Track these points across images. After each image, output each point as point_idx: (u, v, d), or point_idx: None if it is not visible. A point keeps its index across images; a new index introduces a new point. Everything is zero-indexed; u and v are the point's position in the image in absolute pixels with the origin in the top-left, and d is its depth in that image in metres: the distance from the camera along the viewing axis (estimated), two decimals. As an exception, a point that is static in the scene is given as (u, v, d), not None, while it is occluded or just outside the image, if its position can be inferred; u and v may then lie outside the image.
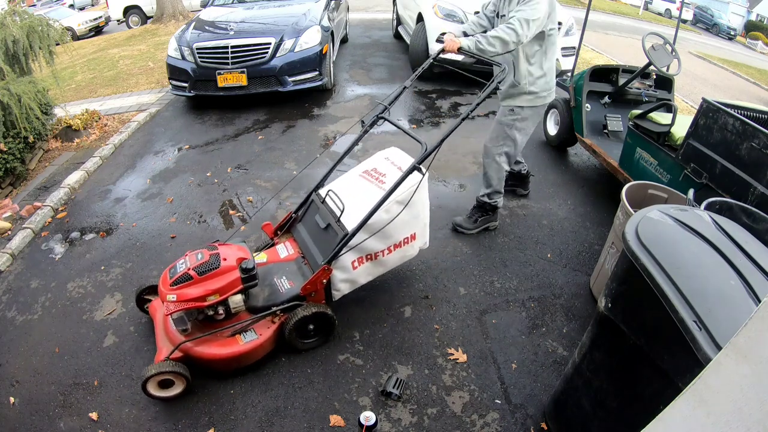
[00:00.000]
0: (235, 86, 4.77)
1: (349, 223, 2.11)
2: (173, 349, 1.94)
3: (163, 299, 1.91)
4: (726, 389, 0.71)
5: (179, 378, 1.93)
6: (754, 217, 1.63)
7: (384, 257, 2.26)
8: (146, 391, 1.90)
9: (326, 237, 2.21)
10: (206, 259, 1.94)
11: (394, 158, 2.41)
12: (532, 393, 2.05)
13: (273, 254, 2.36)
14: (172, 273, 1.94)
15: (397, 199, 2.08)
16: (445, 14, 5.31)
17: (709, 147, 2.47)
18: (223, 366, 2.03)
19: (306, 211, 2.48)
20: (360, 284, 2.31)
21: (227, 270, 1.93)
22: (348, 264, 2.16)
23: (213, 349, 1.96)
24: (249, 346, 1.99)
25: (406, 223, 2.20)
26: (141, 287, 2.30)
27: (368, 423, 1.81)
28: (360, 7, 11.30)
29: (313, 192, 2.46)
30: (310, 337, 2.18)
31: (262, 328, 2.06)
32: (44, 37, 4.41)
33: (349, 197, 2.21)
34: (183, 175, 3.81)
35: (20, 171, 3.92)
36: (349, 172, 2.52)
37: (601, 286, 2.44)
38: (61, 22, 5.08)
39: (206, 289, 1.89)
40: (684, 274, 1.22)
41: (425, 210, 2.34)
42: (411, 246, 2.34)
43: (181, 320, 1.97)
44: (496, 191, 2.91)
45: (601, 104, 3.82)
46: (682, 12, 9.51)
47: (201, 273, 1.90)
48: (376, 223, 2.08)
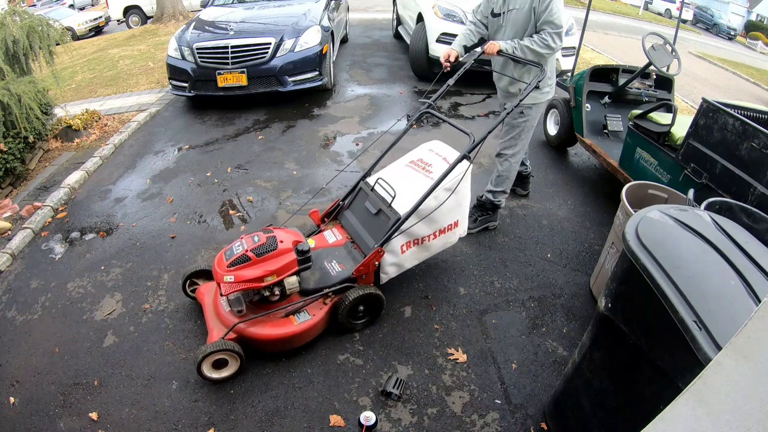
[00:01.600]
0: (235, 86, 4.77)
1: (400, 209, 2.22)
2: (229, 329, 2.00)
3: (220, 280, 1.96)
4: (726, 389, 0.71)
5: (234, 357, 1.98)
6: (754, 217, 1.63)
7: (429, 242, 2.36)
8: (201, 372, 1.95)
9: (377, 222, 2.31)
10: (263, 242, 2.00)
11: (438, 150, 2.52)
12: (532, 393, 2.05)
13: (321, 240, 2.44)
14: (228, 255, 2.00)
15: (445, 186, 2.19)
16: (445, 14, 5.31)
17: (709, 147, 2.47)
18: (277, 346, 2.09)
19: (354, 198, 2.56)
20: (406, 268, 2.41)
21: (284, 252, 2.01)
22: (397, 248, 2.25)
23: (267, 329, 2.02)
24: (303, 326, 2.06)
25: (451, 210, 2.30)
26: (188, 271, 2.37)
27: (368, 423, 1.82)
28: (360, 7, 11.30)
29: (360, 180, 2.56)
30: (359, 318, 2.27)
31: (314, 309, 2.14)
32: (44, 37, 4.41)
33: (397, 185, 2.30)
34: (183, 175, 3.81)
35: (20, 171, 3.92)
36: (394, 163, 2.61)
37: (601, 286, 2.44)
38: (61, 22, 5.07)
39: (264, 269, 1.96)
40: (684, 274, 1.22)
41: (467, 199, 2.45)
42: (453, 233, 2.44)
43: (238, 301, 2.02)
44: (502, 191, 2.94)
45: (601, 104, 3.82)
46: (682, 12, 9.51)
47: (259, 254, 1.97)
48: (425, 209, 2.18)
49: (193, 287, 2.41)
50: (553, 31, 2.39)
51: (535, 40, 2.43)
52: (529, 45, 2.44)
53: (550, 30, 2.40)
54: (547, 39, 2.40)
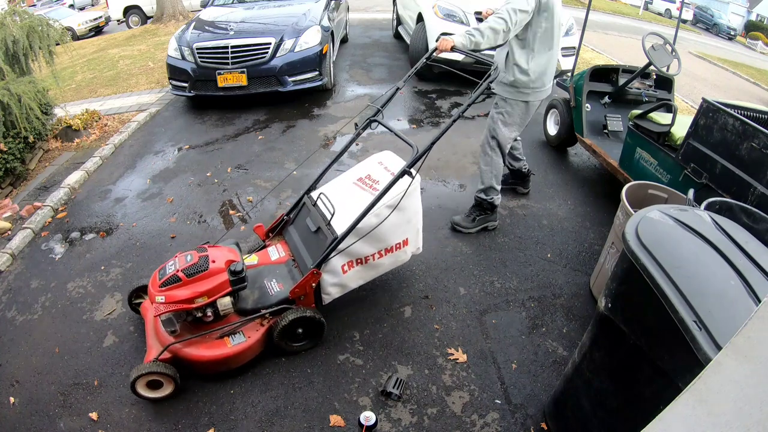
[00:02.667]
0: (235, 86, 4.77)
1: (339, 227, 2.09)
2: (162, 351, 1.94)
3: (153, 300, 1.90)
4: (726, 389, 0.71)
5: (167, 379, 1.92)
6: (754, 217, 1.63)
7: (374, 261, 2.25)
8: (135, 391, 1.90)
9: (316, 240, 2.20)
10: (195, 261, 1.93)
11: (387, 163, 2.39)
12: (532, 393, 2.05)
13: (264, 256, 2.34)
14: (161, 274, 1.93)
15: (387, 203, 2.08)
16: (445, 14, 5.31)
17: (709, 147, 2.47)
18: (211, 368, 2.02)
19: (298, 213, 2.46)
20: (350, 288, 2.29)
21: (216, 272, 1.93)
22: (338, 268, 2.14)
23: (201, 350, 1.96)
24: (237, 348, 1.98)
25: (397, 227, 2.20)
26: (133, 287, 2.31)
27: (368, 423, 1.82)
28: (360, 7, 11.30)
29: (305, 194, 2.45)
30: (299, 341, 2.17)
31: (250, 330, 2.05)
32: (44, 37, 4.41)
33: (340, 201, 2.20)
34: (183, 175, 3.81)
35: (20, 171, 3.92)
36: (343, 176, 2.50)
37: (601, 286, 2.44)
38: (61, 22, 5.08)
39: (194, 291, 1.89)
40: (684, 274, 1.22)
41: (418, 215, 2.33)
42: (403, 251, 2.32)
43: (170, 321, 1.95)
44: (491, 188, 2.91)
45: (601, 104, 3.82)
46: (682, 12, 9.51)
47: (189, 275, 1.89)
48: (365, 227, 2.07)
49: (139, 301, 2.33)
50: (510, 7, 2.28)
51: (492, 17, 2.32)
52: (488, 23, 2.30)
53: (507, 6, 2.29)
54: (502, 13, 2.29)
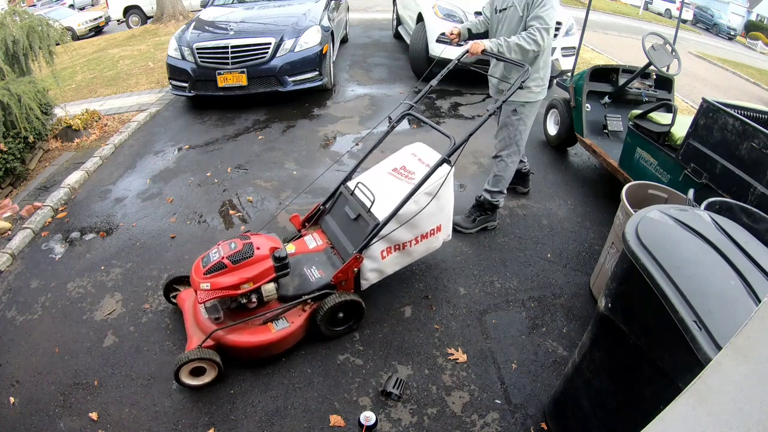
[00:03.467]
0: (235, 86, 4.77)
1: (379, 214, 2.18)
2: (206, 337, 1.98)
3: (196, 288, 1.94)
4: (726, 389, 0.71)
5: (211, 365, 1.97)
6: (754, 217, 1.63)
7: (411, 247, 2.33)
8: (178, 379, 1.94)
9: (356, 227, 2.27)
10: (240, 248, 1.98)
11: (420, 154, 2.48)
12: (532, 393, 2.05)
13: (301, 245, 2.41)
14: (205, 262, 1.98)
15: (426, 191, 2.16)
16: (445, 14, 5.31)
17: (709, 147, 2.47)
18: (255, 354, 2.07)
19: (334, 203, 2.53)
20: (387, 274, 2.37)
21: (260, 259, 1.98)
22: (377, 254, 2.22)
23: (245, 336, 2.00)
24: (281, 333, 2.03)
25: (432, 214, 2.27)
26: (169, 277, 2.34)
27: (368, 423, 1.82)
28: (360, 7, 11.30)
29: (341, 185, 2.52)
30: (339, 325, 2.23)
31: (293, 316, 2.11)
32: (44, 37, 4.41)
33: (378, 190, 2.27)
34: (183, 175, 3.81)
35: (20, 171, 3.92)
36: (376, 167, 2.57)
37: (601, 286, 2.44)
38: (61, 22, 5.08)
39: (240, 277, 1.93)
40: (684, 274, 1.22)
41: (450, 203, 2.41)
42: (436, 237, 2.41)
43: (215, 308, 2.01)
44: (500, 191, 2.93)
45: (601, 104, 3.82)
46: (682, 12, 9.50)
47: (235, 261, 1.94)
48: (405, 214, 2.15)
49: (175, 293, 2.37)
50: (541, 27, 2.35)
51: (522, 36, 2.39)
52: (517, 41, 2.39)
53: (538, 25, 2.36)
54: (534, 34, 2.36)
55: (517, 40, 2.39)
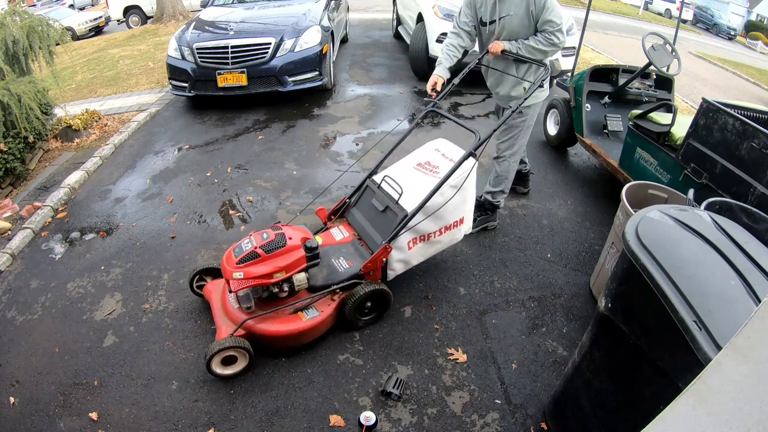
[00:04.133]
0: (235, 86, 4.77)
1: (407, 206, 2.24)
2: (238, 326, 2.01)
3: (229, 277, 1.97)
4: (726, 389, 0.71)
5: (243, 354, 2.00)
6: (754, 217, 1.63)
7: (435, 238, 2.39)
8: (210, 369, 1.97)
9: (385, 218, 2.34)
10: (272, 238, 2.02)
11: (443, 149, 2.54)
12: (532, 393, 2.05)
13: (328, 237, 2.46)
14: (237, 252, 2.01)
15: (451, 184, 2.22)
16: (445, 14, 5.31)
17: (709, 147, 2.47)
18: (286, 342, 2.10)
19: (360, 196, 2.59)
20: (413, 264, 2.44)
21: (292, 248, 2.03)
22: (404, 244, 2.28)
23: (276, 325, 2.04)
24: (312, 322, 2.08)
25: (456, 206, 2.33)
26: (195, 269, 2.37)
27: (368, 423, 1.82)
28: (360, 7, 11.30)
29: (367, 178, 2.59)
30: (366, 314, 2.29)
31: (322, 305, 2.16)
32: (44, 37, 4.41)
33: (404, 183, 2.32)
34: (183, 175, 3.81)
35: (20, 171, 3.92)
36: (401, 162, 2.62)
37: (601, 286, 2.44)
38: (61, 22, 5.07)
39: (274, 266, 1.98)
40: (684, 274, 1.22)
41: (472, 196, 2.47)
42: (459, 229, 2.47)
43: (247, 297, 2.05)
44: (501, 191, 2.94)
45: (601, 104, 3.82)
46: (682, 12, 9.50)
47: (268, 251, 1.99)
48: (432, 206, 2.22)
49: (200, 285, 2.41)
50: (555, 29, 2.40)
51: (539, 39, 2.43)
52: (534, 45, 2.44)
53: (552, 28, 2.40)
54: (551, 38, 2.41)
55: (535, 45, 2.44)
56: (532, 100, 2.67)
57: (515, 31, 2.50)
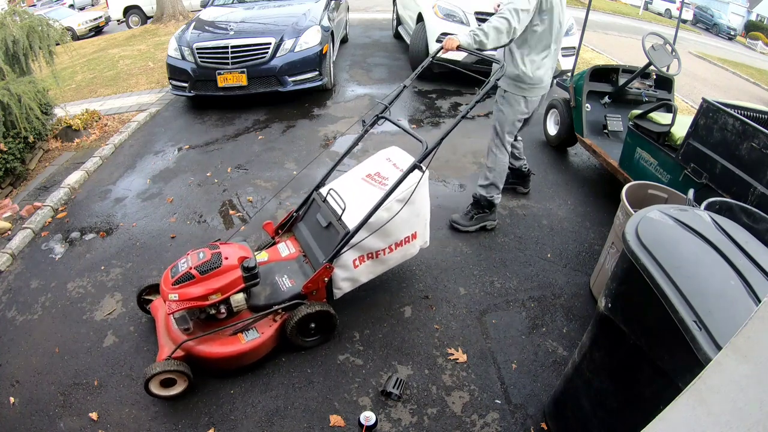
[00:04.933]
0: (235, 86, 4.77)
1: (350, 222, 2.12)
2: (175, 348, 1.94)
3: (165, 298, 1.90)
4: (726, 389, 0.71)
5: (181, 377, 1.93)
6: (754, 217, 1.63)
7: (385, 256, 2.27)
8: (148, 390, 1.90)
9: (328, 235, 2.22)
10: (208, 258, 1.94)
11: (395, 159, 2.42)
12: (532, 393, 2.05)
13: (274, 253, 2.36)
14: (173, 272, 1.94)
15: (398, 198, 2.09)
16: (445, 14, 5.31)
17: (709, 147, 2.47)
18: (225, 364, 2.03)
19: (307, 210, 2.48)
20: (361, 282, 2.31)
21: (229, 269, 1.94)
22: (349, 262, 2.17)
23: (215, 347, 1.97)
24: (251, 344, 1.99)
25: (406, 221, 2.21)
26: (142, 286, 2.30)
27: (368, 423, 1.82)
28: (360, 7, 11.30)
29: (314, 191, 2.47)
30: (311, 336, 2.18)
31: (263, 326, 2.06)
32: (44, 37, 4.41)
33: (350, 197, 2.22)
34: (183, 175, 3.81)
35: (20, 171, 3.92)
36: (350, 172, 2.51)
37: (601, 286, 2.44)
38: (61, 22, 5.08)
39: (208, 288, 1.90)
40: (684, 274, 1.22)
41: (426, 209, 2.34)
42: (412, 245, 2.34)
43: (183, 319, 1.97)
44: (492, 185, 2.91)
45: (601, 104, 3.82)
46: (682, 12, 9.50)
47: (203, 272, 1.91)
48: (376, 222, 2.09)
49: (149, 299, 2.33)
50: (511, 7, 2.31)
51: (495, 17, 2.35)
52: (492, 23, 2.33)
53: (508, 6, 2.33)
54: (504, 13, 2.32)
55: (489, 22, 2.34)
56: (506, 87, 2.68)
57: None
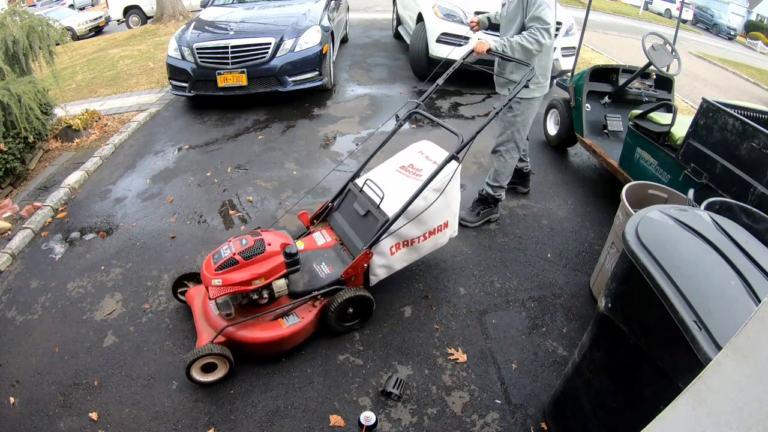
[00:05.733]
0: (235, 86, 4.77)
1: (388, 210, 2.21)
2: (217, 333, 1.99)
3: (208, 284, 1.95)
4: (726, 389, 0.71)
5: (223, 361, 1.97)
6: (754, 217, 1.63)
7: (419, 244, 2.36)
8: (189, 375, 1.94)
9: (366, 223, 2.31)
10: (251, 245, 1.99)
11: (427, 152, 2.51)
12: (532, 393, 2.05)
13: (310, 242, 2.43)
14: (216, 258, 1.99)
15: (434, 187, 2.18)
16: (445, 14, 5.31)
17: (709, 147, 2.47)
18: (266, 349, 2.08)
19: (343, 200, 2.56)
20: (395, 270, 2.40)
21: (272, 255, 2.00)
22: (386, 249, 2.25)
23: (256, 332, 2.01)
24: (292, 329, 2.05)
25: (439, 210, 2.29)
26: (177, 274, 2.35)
27: (368, 423, 1.82)
28: (360, 7, 11.30)
29: (349, 182, 2.55)
30: (348, 320, 2.26)
31: (303, 311, 2.13)
32: (44, 37, 4.41)
33: (386, 187, 2.30)
34: (183, 175, 3.81)
35: (20, 171, 3.92)
36: (384, 165, 2.59)
37: (601, 286, 2.44)
38: (61, 22, 5.07)
39: (252, 273, 1.95)
40: (684, 274, 1.22)
41: (456, 200, 2.44)
42: (443, 234, 2.43)
43: (226, 304, 2.03)
44: (500, 186, 2.98)
45: (601, 104, 3.82)
46: (682, 12, 9.50)
47: (246, 257, 1.96)
48: (414, 210, 2.17)
49: (183, 290, 2.38)
50: (541, 27, 2.39)
51: (524, 36, 2.44)
52: (520, 41, 2.44)
53: (538, 26, 2.40)
54: (536, 35, 2.41)
55: (520, 40, 2.44)
56: (525, 94, 2.68)
57: (510, 20, 2.55)
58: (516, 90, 2.35)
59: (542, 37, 2.40)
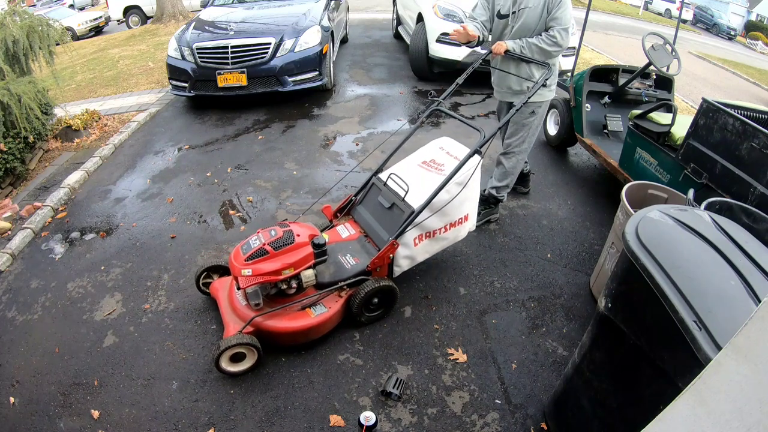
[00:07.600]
0: (235, 86, 4.77)
1: (413, 203, 2.27)
2: (246, 323, 2.02)
3: (237, 274, 1.98)
4: (726, 389, 0.71)
5: (251, 351, 2.01)
6: (754, 217, 1.63)
7: (441, 235, 2.41)
8: (218, 365, 1.98)
9: (391, 215, 2.36)
10: (280, 235, 2.04)
11: (449, 148, 2.57)
12: (532, 393, 2.05)
13: (334, 235, 2.49)
14: (245, 249, 2.02)
15: (457, 181, 2.25)
16: (445, 14, 5.31)
17: (709, 147, 2.47)
18: (294, 339, 2.12)
19: (366, 194, 2.61)
20: (419, 261, 2.46)
21: (301, 245, 2.05)
22: (410, 241, 2.31)
23: (285, 322, 2.06)
24: (320, 318, 2.09)
25: (461, 203, 2.35)
26: (202, 267, 2.39)
27: (368, 423, 1.81)
28: (360, 7, 11.30)
29: (372, 176, 2.61)
30: (373, 311, 2.30)
31: (330, 302, 2.18)
32: (44, 37, 4.41)
33: (410, 181, 2.36)
34: (183, 175, 3.81)
35: (20, 171, 3.92)
36: (406, 160, 2.65)
37: (601, 286, 2.44)
38: (61, 22, 5.07)
39: (282, 263, 1.99)
40: (684, 274, 1.22)
41: (476, 193, 2.50)
42: (463, 226, 2.49)
43: (255, 294, 2.06)
44: (507, 186, 2.99)
45: (601, 104, 3.82)
46: (682, 12, 9.50)
47: (276, 248, 2.00)
48: (438, 202, 2.23)
49: (207, 282, 2.42)
50: (561, 28, 2.41)
51: (543, 38, 2.45)
52: (538, 43, 2.45)
53: (559, 27, 2.42)
54: (555, 36, 2.43)
55: (538, 42, 2.45)
56: (541, 98, 2.69)
57: (530, 25, 2.51)
58: (536, 88, 2.39)
59: (561, 38, 2.42)
